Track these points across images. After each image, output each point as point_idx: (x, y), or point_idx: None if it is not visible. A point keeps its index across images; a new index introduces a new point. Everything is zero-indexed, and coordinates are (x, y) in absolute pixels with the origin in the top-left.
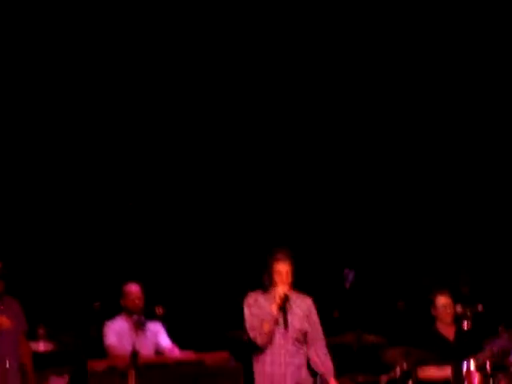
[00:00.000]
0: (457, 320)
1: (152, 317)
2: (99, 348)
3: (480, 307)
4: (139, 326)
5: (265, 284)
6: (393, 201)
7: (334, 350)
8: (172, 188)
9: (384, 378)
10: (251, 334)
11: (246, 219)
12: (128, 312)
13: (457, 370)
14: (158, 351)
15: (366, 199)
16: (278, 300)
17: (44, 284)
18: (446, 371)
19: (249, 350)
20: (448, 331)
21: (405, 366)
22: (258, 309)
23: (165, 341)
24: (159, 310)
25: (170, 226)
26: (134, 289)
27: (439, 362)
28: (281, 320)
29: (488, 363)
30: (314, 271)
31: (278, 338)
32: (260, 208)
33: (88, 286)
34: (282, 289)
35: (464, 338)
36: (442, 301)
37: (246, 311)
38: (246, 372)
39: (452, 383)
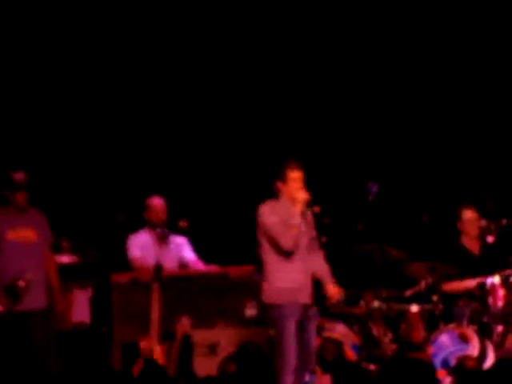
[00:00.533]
0: (482, 234)
1: (176, 230)
2: (123, 261)
3: (504, 222)
4: (163, 239)
5: (277, 192)
6: (419, 115)
7: (357, 260)
8: (193, 102)
9: (408, 293)
10: (281, 241)
11: (269, 131)
12: (151, 225)
13: (481, 284)
14: (182, 264)
15: (392, 112)
16: (301, 204)
17: (68, 196)
18: (470, 284)
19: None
20: (473, 245)
21: (429, 280)
22: (277, 216)
23: (189, 254)
24: (183, 224)
25: (192, 139)
26: (157, 202)
27: (463, 276)
28: (303, 225)
29: None
30: (338, 184)
31: (301, 244)
32: (282, 120)
33: (112, 198)
34: (303, 193)
35: (489, 252)
36: (469, 215)
37: (267, 220)
38: None
39: (477, 298)
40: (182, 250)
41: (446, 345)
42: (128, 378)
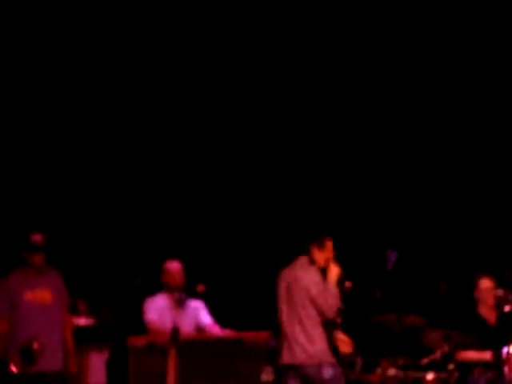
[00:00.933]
0: (498, 304)
1: (193, 294)
2: (139, 325)
3: None
4: (180, 303)
5: (311, 257)
6: (437, 183)
7: (374, 330)
8: (213, 168)
9: (424, 361)
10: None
11: (291, 198)
12: (169, 289)
13: (497, 353)
14: (199, 328)
15: (410, 181)
16: (335, 276)
17: (87, 258)
18: (486, 355)
19: None
20: (490, 315)
21: (446, 348)
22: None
23: (205, 318)
24: (200, 288)
25: (212, 204)
26: (174, 266)
27: (479, 345)
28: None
29: None
30: (357, 252)
31: None
32: (305, 188)
33: (130, 262)
34: (336, 267)
35: (505, 322)
36: (486, 284)
37: (317, 290)
38: None
39: (492, 367)
40: (199, 313)
41: None
42: None
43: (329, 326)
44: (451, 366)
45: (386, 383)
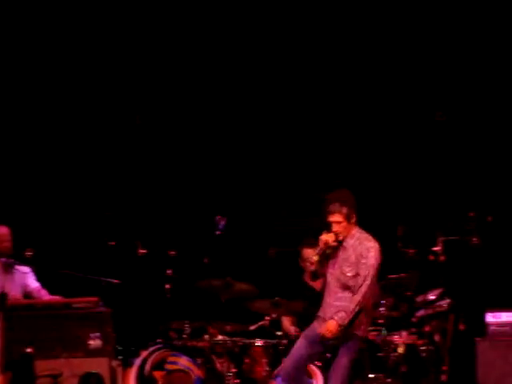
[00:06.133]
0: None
1: (21, 259)
2: None
3: None
4: (7, 269)
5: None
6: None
7: (202, 295)
8: None
9: (252, 327)
10: None
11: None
12: None
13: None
14: (26, 293)
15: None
16: (321, 246)
17: None
18: None
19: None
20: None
21: (274, 315)
22: None
23: (32, 282)
24: (28, 253)
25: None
26: (2, 231)
27: (309, 310)
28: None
29: None
30: (185, 218)
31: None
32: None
33: None
34: (324, 237)
35: None
36: (308, 253)
37: None
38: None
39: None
40: (27, 278)
41: None
42: None
43: None
44: (280, 333)
45: (213, 349)
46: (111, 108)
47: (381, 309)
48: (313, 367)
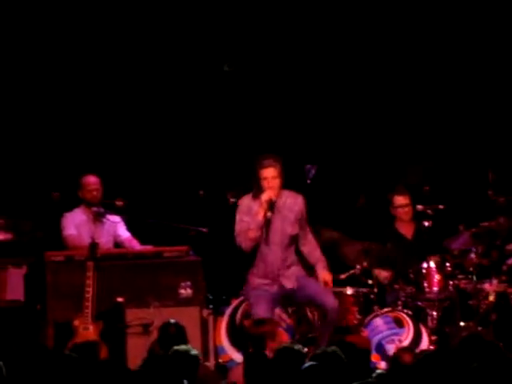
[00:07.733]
0: (416, 219)
1: (111, 209)
2: (57, 239)
3: (441, 206)
4: (98, 218)
5: (254, 190)
6: (357, 95)
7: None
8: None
9: (343, 276)
10: (237, 239)
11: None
12: (86, 204)
13: (416, 268)
14: (117, 243)
15: (330, 93)
16: (263, 206)
17: (2, 173)
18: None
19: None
20: (407, 230)
21: (365, 263)
22: (248, 215)
23: (124, 232)
24: (119, 202)
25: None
26: (92, 180)
27: (398, 259)
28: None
29: (448, 263)
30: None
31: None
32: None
33: (47, 176)
34: (267, 194)
35: (423, 237)
36: (400, 201)
37: (237, 217)
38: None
39: (411, 281)
40: (117, 228)
41: (380, 329)
42: (60, 357)
43: None
44: (370, 281)
45: None
46: None
47: (471, 256)
48: (404, 315)
